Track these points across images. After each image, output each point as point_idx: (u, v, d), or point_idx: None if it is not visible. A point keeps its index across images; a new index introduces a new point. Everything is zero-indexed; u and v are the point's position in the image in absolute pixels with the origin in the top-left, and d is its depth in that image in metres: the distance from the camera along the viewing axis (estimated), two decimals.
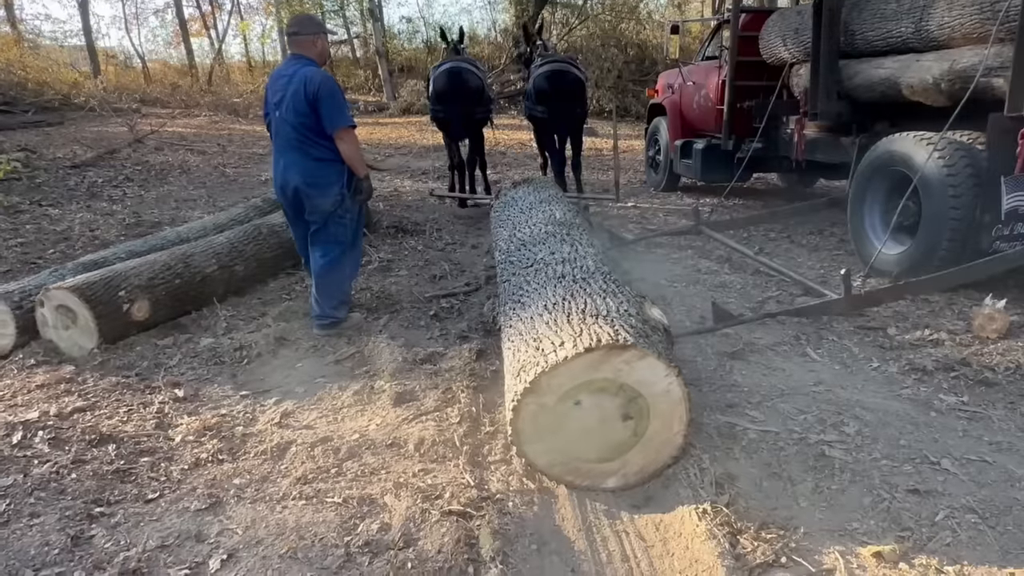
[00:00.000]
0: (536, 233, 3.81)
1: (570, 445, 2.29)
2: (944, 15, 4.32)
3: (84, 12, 21.93)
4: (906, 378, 3.12)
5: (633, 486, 2.33)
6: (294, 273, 4.83)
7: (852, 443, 2.55)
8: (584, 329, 2.30)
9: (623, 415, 2.28)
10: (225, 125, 15.22)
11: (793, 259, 5.30)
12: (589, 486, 2.33)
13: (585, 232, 3.86)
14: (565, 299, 2.64)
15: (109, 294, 3.52)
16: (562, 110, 6.60)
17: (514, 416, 2.24)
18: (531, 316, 2.65)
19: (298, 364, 3.47)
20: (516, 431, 2.27)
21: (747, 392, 2.98)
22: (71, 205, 7.09)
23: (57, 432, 2.72)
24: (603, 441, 2.30)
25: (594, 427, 2.28)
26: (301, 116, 3.45)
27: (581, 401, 2.25)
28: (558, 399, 2.23)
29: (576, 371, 2.19)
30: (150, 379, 3.26)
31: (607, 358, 2.18)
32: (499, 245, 4.14)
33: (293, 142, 3.51)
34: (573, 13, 22.15)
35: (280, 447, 2.65)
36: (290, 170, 3.55)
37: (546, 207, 4.35)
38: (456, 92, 6.56)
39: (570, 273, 2.97)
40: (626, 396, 2.26)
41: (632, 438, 2.29)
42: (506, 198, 5.03)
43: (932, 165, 4.15)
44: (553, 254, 3.31)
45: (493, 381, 3.13)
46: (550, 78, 6.51)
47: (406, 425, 2.77)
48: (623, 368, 2.20)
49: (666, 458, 2.32)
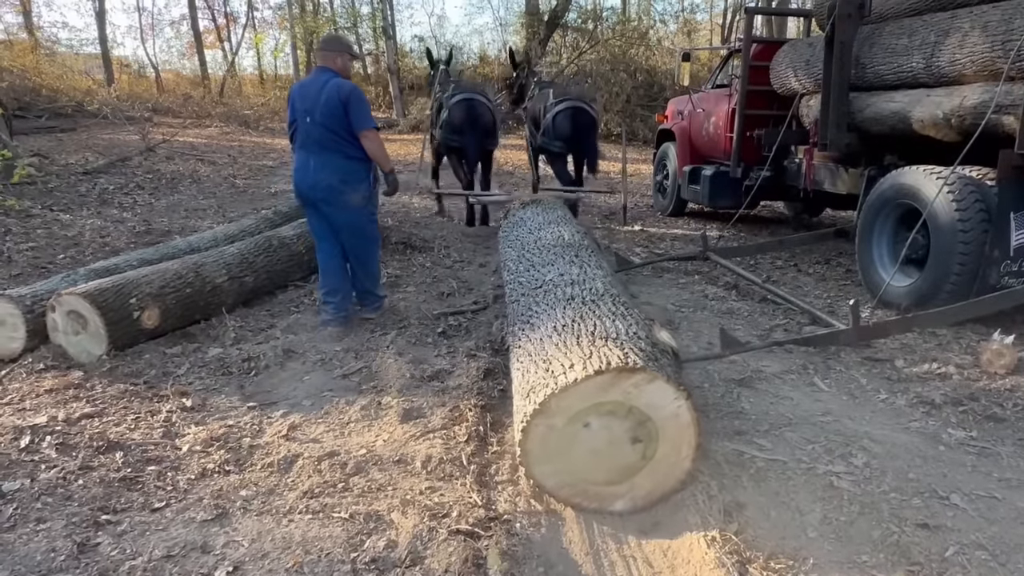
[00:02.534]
0: (545, 254, 3.83)
1: (578, 467, 2.29)
2: (956, 52, 4.36)
3: (101, 21, 22.25)
4: (914, 411, 3.12)
5: (641, 509, 2.32)
6: (303, 286, 4.85)
7: (860, 475, 2.54)
8: (594, 351, 2.31)
9: (632, 438, 2.28)
10: (236, 136, 15.36)
11: (800, 288, 5.31)
12: (597, 508, 2.32)
13: (594, 254, 3.89)
14: (575, 321, 2.65)
15: (120, 301, 3.54)
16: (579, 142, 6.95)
17: (523, 437, 2.25)
18: (540, 337, 2.66)
19: (306, 377, 3.47)
20: (525, 452, 2.28)
21: (755, 420, 2.97)
22: (82, 211, 7.14)
23: (65, 438, 2.73)
24: (611, 464, 2.30)
25: (603, 449, 2.28)
26: (335, 119, 3.83)
27: (590, 423, 2.25)
28: (567, 421, 2.23)
29: (586, 393, 2.20)
30: (158, 387, 3.27)
31: (617, 381, 2.19)
32: (508, 265, 4.17)
33: (327, 144, 3.88)
34: (584, 37, 22.38)
35: (287, 460, 2.65)
36: (324, 169, 3.90)
37: (554, 228, 4.37)
38: (473, 125, 6.77)
39: (579, 295, 2.98)
40: (635, 419, 2.26)
41: (641, 461, 2.30)
42: (514, 218, 5.06)
43: (942, 199, 4.17)
44: (562, 275, 3.33)
45: (501, 401, 3.13)
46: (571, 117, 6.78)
47: (413, 442, 2.77)
48: (632, 391, 2.21)
49: (674, 482, 2.32)
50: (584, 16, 24.14)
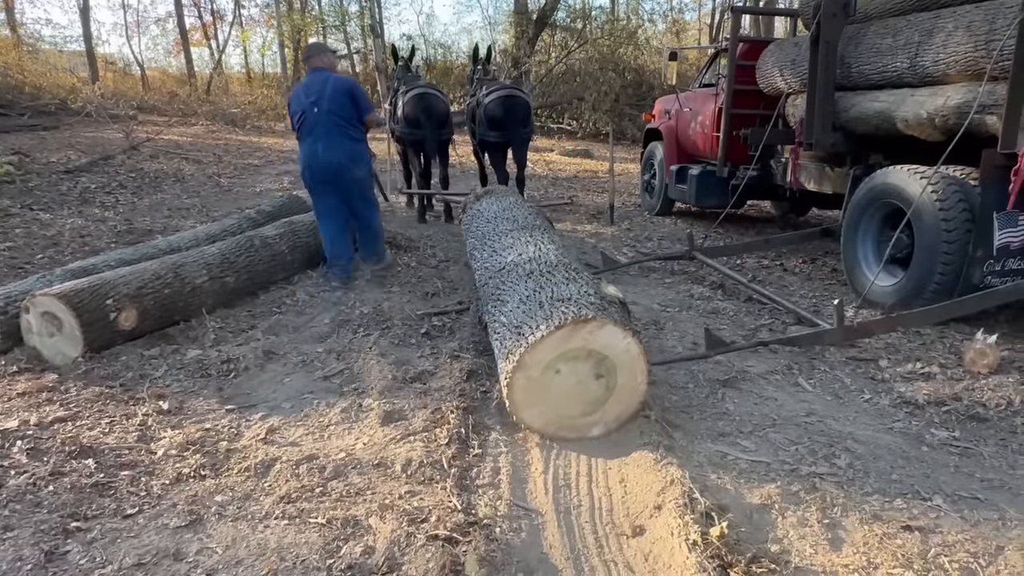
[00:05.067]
0: (504, 239, 4.17)
1: (557, 406, 2.74)
2: (939, 52, 4.36)
3: (85, 18, 22.01)
4: (898, 411, 3.11)
5: (613, 431, 2.77)
6: (285, 287, 4.79)
7: (844, 476, 2.53)
8: (554, 311, 2.76)
9: (596, 375, 2.73)
10: (222, 135, 15.21)
11: (786, 287, 5.31)
12: (578, 437, 2.76)
13: (545, 232, 4.33)
14: (535, 291, 3.07)
15: (96, 302, 3.48)
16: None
17: (509, 391, 2.70)
18: (510, 309, 3.06)
19: (286, 379, 3.42)
20: (512, 402, 2.72)
21: (739, 421, 2.96)
22: (62, 210, 7.04)
23: (36, 442, 2.67)
24: (583, 398, 2.74)
25: (574, 388, 2.73)
26: (342, 108, 4.59)
27: (560, 369, 2.70)
28: (541, 371, 2.67)
29: (552, 345, 2.65)
30: (134, 390, 3.21)
31: (575, 331, 2.65)
32: (474, 255, 4.52)
33: (334, 129, 4.59)
34: (572, 36, 22.35)
35: (264, 464, 2.61)
36: (333, 150, 4.61)
37: (508, 214, 4.74)
38: (427, 116, 6.90)
39: (537, 269, 3.38)
40: (595, 359, 2.71)
41: (606, 392, 2.75)
42: (472, 211, 5.31)
43: (926, 199, 4.18)
44: (520, 255, 3.71)
45: (483, 403, 3.10)
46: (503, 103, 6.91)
47: (393, 445, 2.73)
48: (589, 337, 2.67)
49: (636, 404, 2.78)
50: (573, 15, 24.14)
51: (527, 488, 2.50)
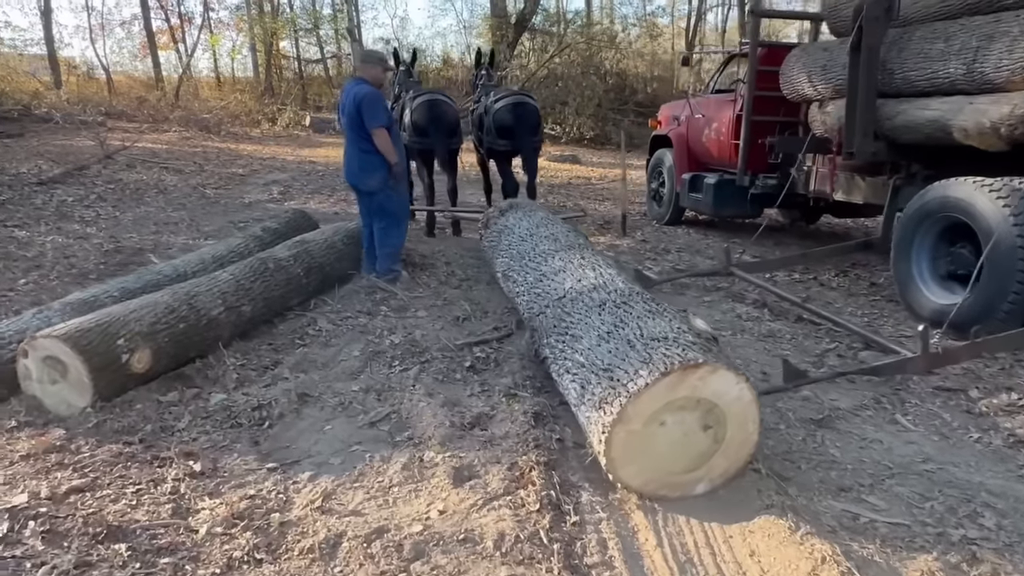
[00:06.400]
0: (552, 261, 3.88)
1: (659, 462, 2.44)
2: (1003, 57, 4.13)
3: (47, 20, 21.06)
4: (1016, 453, 2.83)
5: (719, 488, 2.48)
6: (304, 314, 4.37)
7: (999, 540, 2.23)
8: (652, 354, 2.45)
9: (703, 426, 2.44)
10: (198, 142, 14.58)
11: (831, 304, 5.03)
12: (680, 496, 2.46)
13: (596, 253, 4.04)
14: (616, 326, 2.77)
15: (106, 344, 3.03)
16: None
17: (606, 447, 2.37)
18: (588, 347, 2.76)
19: (327, 427, 3.02)
20: (610, 459, 2.39)
21: (852, 471, 2.65)
22: (39, 227, 6.49)
23: (52, 523, 2.23)
24: (688, 453, 2.45)
25: (678, 441, 2.43)
26: (353, 120, 4.71)
27: (665, 421, 2.40)
28: (644, 423, 2.37)
29: (657, 395, 2.34)
30: (157, 447, 2.78)
31: (683, 378, 2.35)
32: (511, 276, 4.20)
33: (351, 139, 4.82)
34: (552, 40, 22.09)
35: (329, 542, 2.21)
36: (350, 160, 4.89)
37: (545, 231, 4.40)
38: (437, 124, 6.44)
39: (609, 300, 3.06)
40: (704, 408, 2.42)
41: (713, 445, 2.45)
42: (497, 226, 4.96)
43: (997, 213, 3.93)
44: (580, 281, 3.43)
45: (563, 455, 2.74)
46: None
47: (476, 513, 2.36)
48: (699, 384, 2.37)
49: (745, 457, 2.48)
50: (550, 19, 23.91)
51: (644, 567, 2.15)
